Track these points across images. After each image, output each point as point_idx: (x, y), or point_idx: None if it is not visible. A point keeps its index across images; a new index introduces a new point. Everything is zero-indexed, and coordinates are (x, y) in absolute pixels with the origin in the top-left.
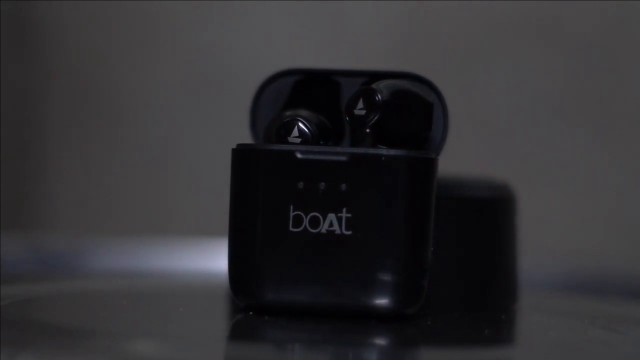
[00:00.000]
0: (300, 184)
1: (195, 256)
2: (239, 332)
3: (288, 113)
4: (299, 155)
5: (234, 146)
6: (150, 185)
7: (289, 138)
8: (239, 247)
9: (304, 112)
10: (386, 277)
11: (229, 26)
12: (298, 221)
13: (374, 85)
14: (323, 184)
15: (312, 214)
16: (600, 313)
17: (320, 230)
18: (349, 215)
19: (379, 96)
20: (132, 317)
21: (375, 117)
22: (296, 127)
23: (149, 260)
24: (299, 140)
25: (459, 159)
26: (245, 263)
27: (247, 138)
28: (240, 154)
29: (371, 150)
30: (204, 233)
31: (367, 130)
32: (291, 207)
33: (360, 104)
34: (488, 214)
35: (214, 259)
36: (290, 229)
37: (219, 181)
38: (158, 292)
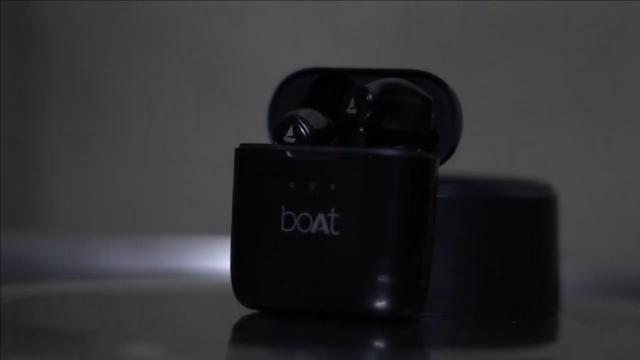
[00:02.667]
0: (292, 184)
1: (200, 255)
2: (237, 334)
3: (289, 113)
4: (289, 155)
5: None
6: (152, 185)
7: (284, 137)
8: (238, 247)
9: (303, 112)
10: (374, 278)
11: (229, 25)
12: (289, 221)
13: (366, 84)
14: (313, 184)
15: (302, 214)
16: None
17: (310, 230)
18: (337, 215)
19: (370, 95)
20: (132, 318)
21: (367, 116)
22: (291, 126)
23: (150, 260)
24: (293, 139)
25: (460, 158)
26: (243, 263)
27: (253, 137)
28: (241, 154)
29: (360, 150)
30: (207, 232)
31: (361, 130)
32: (283, 207)
33: (352, 103)
34: (532, 214)
35: (220, 259)
36: (282, 229)
37: (224, 181)
38: (160, 293)
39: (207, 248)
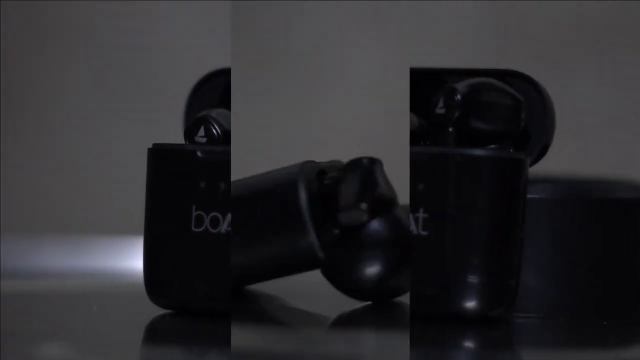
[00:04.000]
0: (202, 184)
1: (113, 255)
2: (149, 334)
3: (200, 113)
4: (199, 155)
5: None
6: (64, 185)
7: (195, 138)
8: (150, 246)
9: (215, 112)
10: (463, 279)
11: (141, 24)
12: (199, 221)
13: (455, 84)
14: (223, 184)
15: (212, 214)
16: None
17: (220, 230)
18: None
19: (459, 95)
20: (44, 318)
21: (455, 116)
22: (202, 126)
23: (61, 261)
24: (204, 139)
25: (550, 158)
26: (156, 263)
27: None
28: (153, 154)
29: (448, 150)
30: (119, 232)
31: (450, 129)
32: (193, 207)
33: (441, 103)
34: (631, 215)
35: (132, 258)
36: (193, 229)
37: (135, 180)
38: (72, 293)
39: (119, 248)
